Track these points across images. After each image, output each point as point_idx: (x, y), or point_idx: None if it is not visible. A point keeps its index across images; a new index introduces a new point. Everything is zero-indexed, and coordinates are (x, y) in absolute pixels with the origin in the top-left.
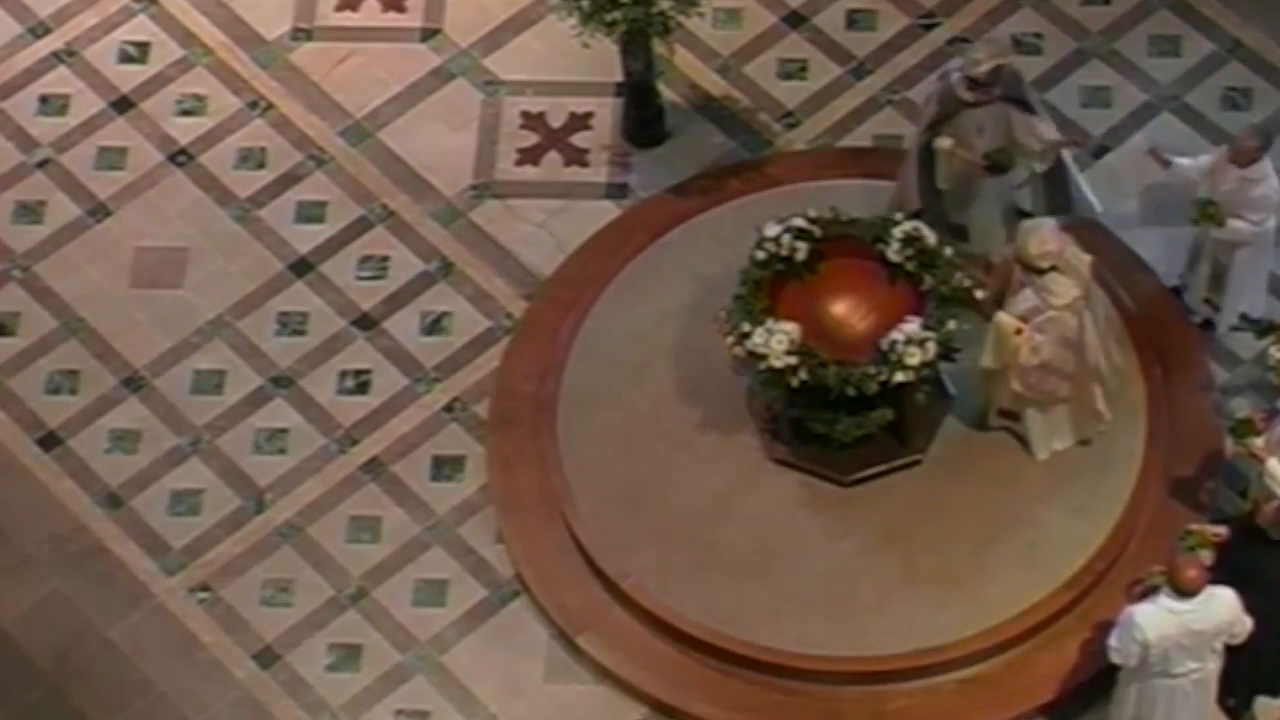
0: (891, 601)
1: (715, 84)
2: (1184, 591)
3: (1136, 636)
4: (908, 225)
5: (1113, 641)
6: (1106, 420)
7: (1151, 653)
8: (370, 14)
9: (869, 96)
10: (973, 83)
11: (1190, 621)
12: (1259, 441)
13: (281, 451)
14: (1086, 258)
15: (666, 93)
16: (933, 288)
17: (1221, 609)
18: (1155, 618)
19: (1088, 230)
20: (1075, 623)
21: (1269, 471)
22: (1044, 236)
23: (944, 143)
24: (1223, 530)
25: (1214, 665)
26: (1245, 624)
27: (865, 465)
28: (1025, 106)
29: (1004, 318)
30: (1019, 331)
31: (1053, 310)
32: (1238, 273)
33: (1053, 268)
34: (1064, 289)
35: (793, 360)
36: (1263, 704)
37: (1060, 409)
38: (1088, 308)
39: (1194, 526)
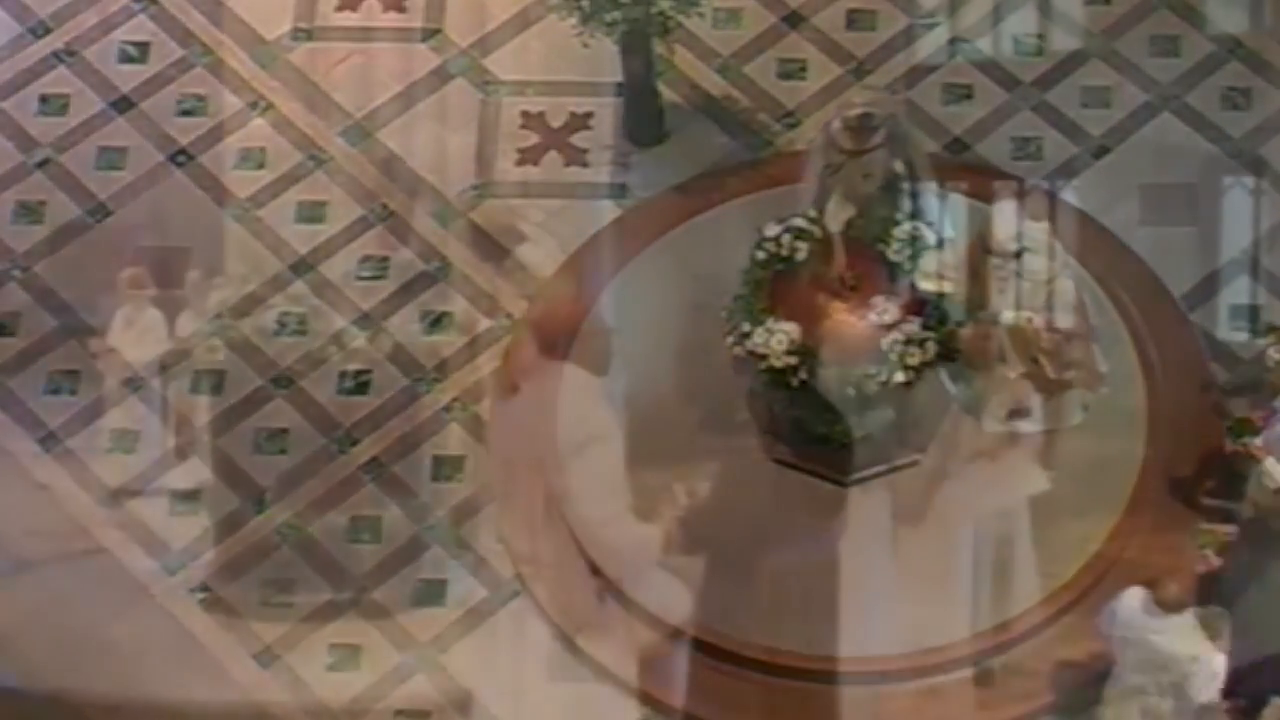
0: (891, 601)
1: (715, 84)
2: (1158, 602)
3: (1113, 605)
4: (908, 225)
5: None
6: (1106, 379)
7: (1114, 633)
8: (370, 14)
9: None
10: (860, 126)
11: (1151, 633)
12: (1257, 441)
13: (281, 451)
14: (1042, 224)
15: (666, 93)
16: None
17: (1185, 643)
18: (1132, 609)
19: (1088, 229)
20: (1075, 622)
21: (1266, 470)
22: (1006, 217)
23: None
24: (1233, 530)
25: (1167, 708)
26: (1207, 678)
27: (865, 465)
28: (911, 171)
29: (1011, 316)
30: (1030, 320)
31: (1047, 287)
32: None
33: (1022, 250)
34: (1041, 263)
35: (793, 360)
36: (1276, 704)
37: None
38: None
39: (1206, 526)
